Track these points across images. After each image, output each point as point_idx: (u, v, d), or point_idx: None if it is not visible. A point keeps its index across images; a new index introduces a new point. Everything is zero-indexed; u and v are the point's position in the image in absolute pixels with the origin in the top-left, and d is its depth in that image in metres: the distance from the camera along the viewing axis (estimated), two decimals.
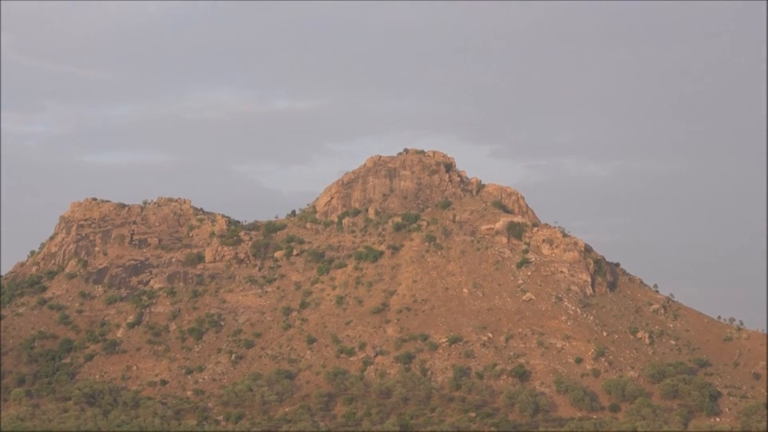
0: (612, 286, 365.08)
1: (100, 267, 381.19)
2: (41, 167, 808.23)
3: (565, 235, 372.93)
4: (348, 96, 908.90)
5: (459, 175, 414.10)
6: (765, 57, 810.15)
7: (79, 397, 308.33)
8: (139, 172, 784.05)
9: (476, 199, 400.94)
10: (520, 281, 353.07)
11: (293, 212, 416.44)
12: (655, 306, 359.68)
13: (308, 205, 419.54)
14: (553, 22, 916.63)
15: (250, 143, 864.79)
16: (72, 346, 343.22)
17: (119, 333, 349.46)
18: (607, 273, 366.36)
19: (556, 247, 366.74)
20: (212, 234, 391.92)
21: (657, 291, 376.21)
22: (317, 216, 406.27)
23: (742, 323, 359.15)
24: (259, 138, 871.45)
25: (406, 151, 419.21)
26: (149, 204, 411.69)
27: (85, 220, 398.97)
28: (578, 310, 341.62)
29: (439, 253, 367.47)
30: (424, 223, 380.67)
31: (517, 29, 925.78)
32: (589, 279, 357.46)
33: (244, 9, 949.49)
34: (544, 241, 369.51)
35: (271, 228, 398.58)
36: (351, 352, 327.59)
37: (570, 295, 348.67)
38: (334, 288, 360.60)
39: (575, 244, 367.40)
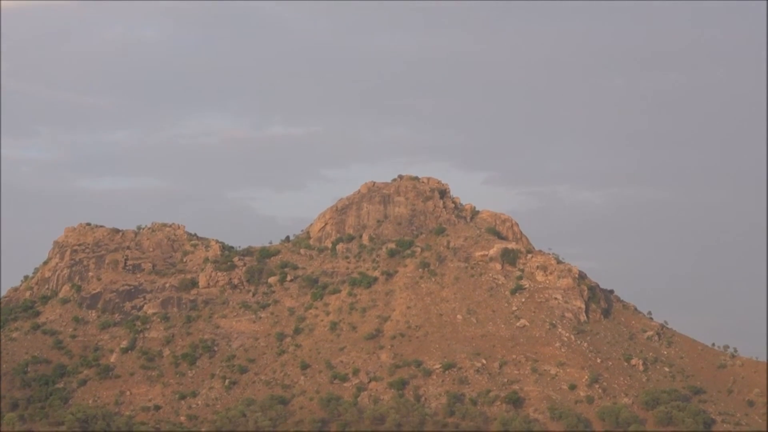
0: (606, 312, 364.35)
1: (94, 292, 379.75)
2: (35, 192, 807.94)
3: (559, 262, 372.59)
4: (342, 122, 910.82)
5: (453, 202, 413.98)
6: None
7: (72, 422, 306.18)
8: (133, 198, 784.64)
9: (470, 225, 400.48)
10: (514, 308, 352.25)
11: (287, 238, 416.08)
12: (649, 333, 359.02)
13: (302, 231, 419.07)
14: (547, 51, 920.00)
15: (244, 169, 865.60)
16: (65, 370, 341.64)
17: (113, 358, 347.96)
18: (601, 300, 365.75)
19: (550, 273, 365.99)
20: (206, 259, 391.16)
21: (651, 318, 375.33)
22: (311, 242, 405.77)
23: (736, 350, 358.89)
24: (254, 164, 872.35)
25: (401, 177, 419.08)
26: (143, 229, 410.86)
27: (79, 245, 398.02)
28: (572, 336, 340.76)
29: (433, 279, 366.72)
30: (418, 250, 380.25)
31: (511, 57, 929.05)
32: (583, 306, 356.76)
33: (240, 36, 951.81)
34: (538, 267, 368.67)
35: (265, 254, 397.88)
36: (345, 378, 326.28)
37: (564, 321, 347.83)
38: (327, 314, 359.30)
39: (569, 270, 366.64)
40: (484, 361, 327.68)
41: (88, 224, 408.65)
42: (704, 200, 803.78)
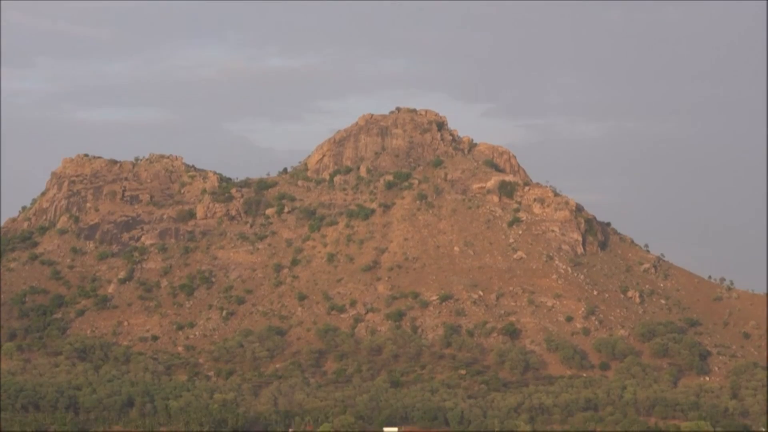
0: (603, 245, 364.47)
1: (92, 223, 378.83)
2: (33, 123, 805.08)
3: (556, 195, 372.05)
4: (340, 54, 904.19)
5: (451, 134, 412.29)
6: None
7: (70, 352, 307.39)
8: (131, 129, 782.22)
9: (468, 158, 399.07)
10: (511, 240, 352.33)
11: (285, 170, 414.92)
12: (646, 265, 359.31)
13: (300, 162, 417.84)
14: None
15: (241, 101, 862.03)
16: (63, 301, 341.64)
17: (110, 289, 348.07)
18: (598, 232, 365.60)
19: (548, 206, 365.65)
20: (204, 191, 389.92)
21: (648, 251, 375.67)
22: (309, 174, 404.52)
23: (732, 283, 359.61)
24: (251, 96, 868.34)
25: (398, 109, 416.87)
26: (141, 160, 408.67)
27: (77, 176, 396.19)
28: (569, 269, 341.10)
29: (431, 211, 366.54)
30: (416, 182, 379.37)
31: None
32: (580, 238, 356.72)
33: None
34: (535, 200, 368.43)
35: (263, 185, 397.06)
36: (342, 309, 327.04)
37: (561, 254, 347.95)
38: (325, 245, 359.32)
39: (566, 203, 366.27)
40: (480, 293, 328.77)
41: (86, 155, 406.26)
42: (702, 134, 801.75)
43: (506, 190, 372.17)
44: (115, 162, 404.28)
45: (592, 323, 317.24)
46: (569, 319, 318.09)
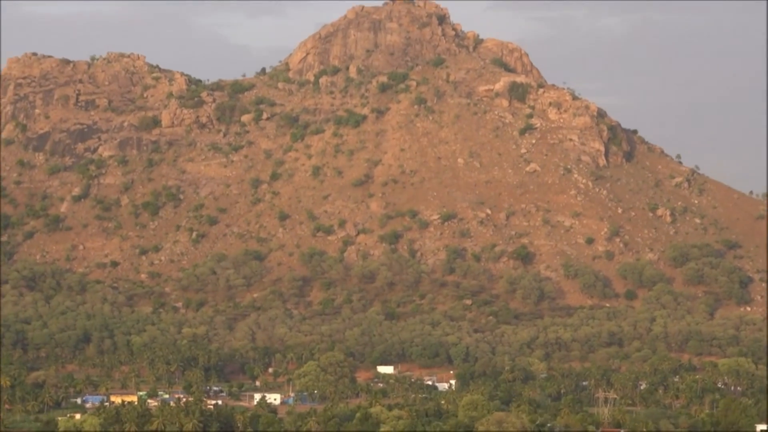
0: (629, 156, 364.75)
1: (42, 132, 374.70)
2: None
3: (575, 98, 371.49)
4: None
5: (453, 29, 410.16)
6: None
7: (17, 280, 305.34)
8: (86, 24, 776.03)
9: (473, 56, 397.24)
10: (523, 150, 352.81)
11: (263, 70, 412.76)
12: (678, 179, 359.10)
13: (280, 62, 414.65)
14: None
15: None
16: (9, 222, 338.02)
17: (63, 207, 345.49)
18: (623, 141, 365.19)
19: (565, 111, 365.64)
20: (170, 95, 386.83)
21: (680, 162, 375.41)
22: (290, 75, 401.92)
23: None
24: None
25: (393, 0, 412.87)
26: (97, 60, 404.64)
27: (24, 78, 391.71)
28: (589, 183, 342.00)
29: (431, 117, 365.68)
30: (414, 84, 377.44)
31: None
32: (602, 148, 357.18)
33: None
34: (551, 104, 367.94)
35: (238, 88, 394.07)
36: (329, 231, 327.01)
37: (580, 166, 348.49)
38: (309, 157, 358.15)
39: (587, 107, 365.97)
40: (488, 212, 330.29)
41: (34, 54, 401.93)
42: (744, 25, 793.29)
43: (517, 92, 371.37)
44: (67, 62, 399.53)
45: (616, 246, 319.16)
46: (590, 241, 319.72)
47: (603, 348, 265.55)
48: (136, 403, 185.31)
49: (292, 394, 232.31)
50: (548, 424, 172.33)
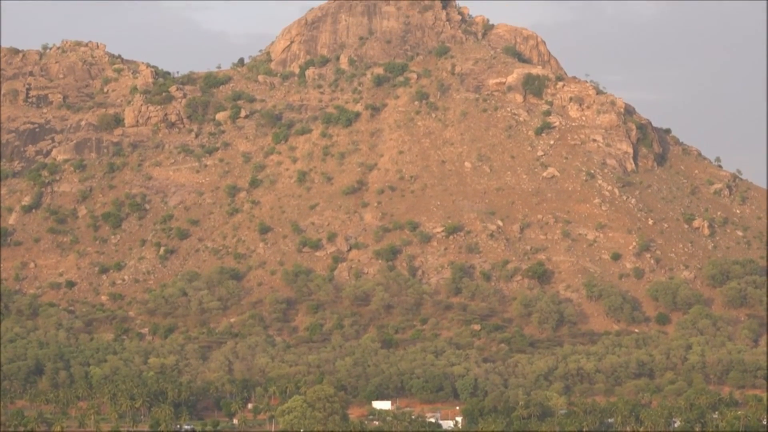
0: (661, 159, 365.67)
1: None
2: None
3: (599, 93, 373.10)
4: None
5: (460, 13, 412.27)
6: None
7: None
8: (38, 8, 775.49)
9: (482, 44, 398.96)
10: (540, 153, 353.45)
11: (241, 61, 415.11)
12: (718, 186, 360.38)
13: (261, 51, 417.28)
14: None
15: None
16: None
17: (11, 219, 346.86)
18: (654, 142, 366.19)
19: (588, 107, 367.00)
20: (134, 89, 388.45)
21: (720, 166, 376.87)
22: (272, 66, 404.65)
23: None
24: None
25: None
26: (51, 49, 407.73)
27: None
28: (616, 190, 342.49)
29: (434, 115, 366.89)
30: (414, 76, 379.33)
31: None
32: (630, 150, 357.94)
33: None
34: (571, 99, 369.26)
35: (212, 81, 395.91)
36: (317, 246, 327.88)
37: (605, 171, 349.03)
38: (294, 161, 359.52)
39: (613, 103, 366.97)
40: (500, 223, 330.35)
41: None
42: None
43: (533, 86, 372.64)
44: (16, 51, 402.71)
45: (647, 262, 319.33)
46: (616, 257, 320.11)
47: (631, 380, 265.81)
48: None
49: None
50: None
